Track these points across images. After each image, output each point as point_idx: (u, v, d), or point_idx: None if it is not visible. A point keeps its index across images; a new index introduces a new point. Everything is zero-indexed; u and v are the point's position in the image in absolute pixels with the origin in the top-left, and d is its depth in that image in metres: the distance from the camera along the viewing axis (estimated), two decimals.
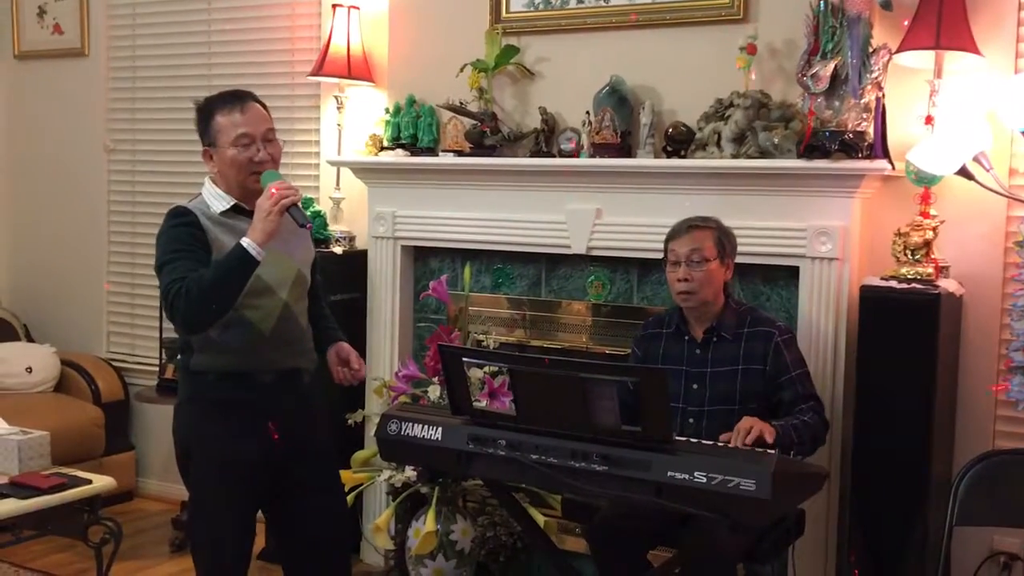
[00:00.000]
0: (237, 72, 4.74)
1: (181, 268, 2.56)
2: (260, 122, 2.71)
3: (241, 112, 2.70)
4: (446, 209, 3.99)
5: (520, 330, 3.99)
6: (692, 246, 3.00)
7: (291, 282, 2.77)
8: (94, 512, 3.56)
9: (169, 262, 2.59)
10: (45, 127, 5.39)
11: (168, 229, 2.66)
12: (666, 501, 2.36)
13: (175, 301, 2.54)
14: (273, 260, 2.63)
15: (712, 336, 3.04)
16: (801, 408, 2.91)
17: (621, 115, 3.63)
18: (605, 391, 2.39)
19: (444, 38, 4.07)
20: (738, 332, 3.02)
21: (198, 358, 2.71)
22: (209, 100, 2.77)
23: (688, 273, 2.99)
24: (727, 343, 3.02)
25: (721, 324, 3.04)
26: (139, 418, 5.10)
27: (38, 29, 5.36)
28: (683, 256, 3.00)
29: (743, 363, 2.98)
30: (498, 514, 3.75)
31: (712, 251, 3.01)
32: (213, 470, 2.70)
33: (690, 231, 3.04)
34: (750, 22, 3.49)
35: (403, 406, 3.23)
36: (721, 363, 3.01)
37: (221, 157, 2.70)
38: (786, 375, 2.96)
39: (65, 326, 5.31)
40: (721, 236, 3.05)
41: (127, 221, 5.18)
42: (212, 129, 2.72)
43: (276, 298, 2.72)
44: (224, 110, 2.70)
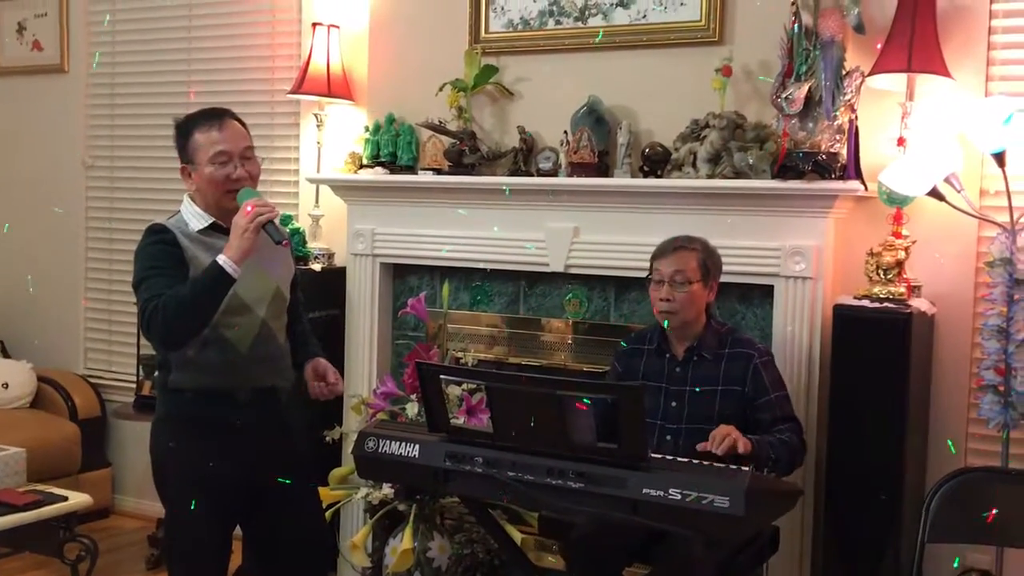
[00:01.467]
0: (217, 90, 4.76)
1: (158, 285, 2.57)
2: (238, 140, 2.72)
3: (219, 130, 2.70)
4: (425, 227, 4.01)
5: (498, 347, 4.01)
6: (676, 267, 3.02)
7: (269, 300, 2.77)
8: (70, 529, 3.55)
9: (146, 279, 2.60)
10: (24, 143, 5.39)
11: (146, 246, 2.67)
12: (641, 518, 2.38)
13: (152, 318, 2.55)
14: (251, 278, 2.64)
15: (693, 355, 3.06)
16: (780, 428, 2.93)
17: (598, 135, 3.67)
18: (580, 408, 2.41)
19: (424, 57, 4.09)
20: (719, 353, 3.05)
21: (176, 376, 2.71)
22: (188, 117, 2.77)
23: (671, 293, 3.01)
24: (707, 363, 3.04)
25: (702, 344, 3.06)
26: (116, 435, 5.08)
27: (17, 45, 5.36)
28: (667, 276, 3.02)
29: (722, 384, 3.01)
30: (475, 531, 3.75)
31: (696, 273, 3.03)
32: (190, 487, 2.69)
33: (676, 252, 3.06)
34: (725, 44, 3.54)
35: (381, 423, 3.24)
36: (701, 382, 3.03)
37: (199, 174, 2.70)
38: (764, 396, 2.98)
39: (42, 342, 5.28)
40: (706, 258, 3.06)
41: (105, 237, 5.17)
42: (190, 146, 2.72)
43: (254, 316, 2.73)
44: (202, 127, 2.71)
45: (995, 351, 3.06)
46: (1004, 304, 3.05)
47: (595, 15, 3.77)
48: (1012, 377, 3.04)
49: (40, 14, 5.26)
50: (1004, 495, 2.78)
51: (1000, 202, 3.12)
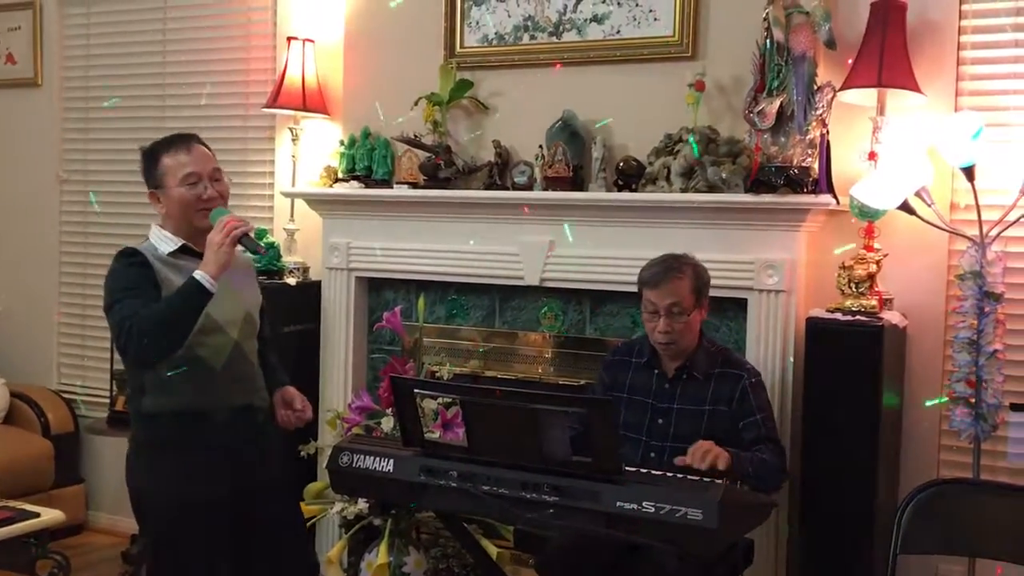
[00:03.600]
0: (191, 103, 4.76)
1: (132, 306, 2.58)
2: (206, 161, 2.77)
3: (187, 152, 2.75)
4: (400, 241, 4.01)
5: (474, 361, 4.01)
6: (672, 299, 2.96)
7: (240, 322, 2.80)
8: (42, 546, 3.52)
9: (119, 300, 2.61)
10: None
11: (117, 269, 2.69)
12: (615, 531, 2.39)
13: (128, 336, 2.55)
14: (223, 299, 2.67)
15: (683, 374, 3.04)
16: (760, 447, 2.93)
17: (573, 149, 3.68)
18: (556, 422, 2.41)
19: (399, 71, 4.10)
20: (709, 372, 3.02)
21: (150, 400, 2.71)
22: (154, 144, 2.81)
23: (668, 325, 2.96)
24: (697, 382, 3.03)
25: (694, 363, 3.03)
26: (89, 451, 5.04)
27: None
28: (662, 308, 2.97)
29: (710, 404, 2.99)
30: (451, 546, 3.75)
31: (691, 300, 2.97)
32: (172, 514, 2.69)
33: (668, 282, 2.97)
34: (698, 59, 3.56)
35: (355, 438, 3.23)
36: (689, 401, 3.01)
37: (169, 197, 2.74)
38: (750, 417, 2.97)
39: (14, 357, 5.24)
40: (697, 281, 3.01)
41: (79, 252, 5.14)
42: (159, 171, 2.75)
43: (226, 336, 2.76)
44: (170, 152, 2.75)
45: (966, 363, 3.09)
46: (975, 317, 3.08)
47: (569, 30, 3.79)
48: (983, 389, 3.07)
49: (13, 27, 5.23)
50: (976, 506, 2.80)
51: (970, 216, 3.16)
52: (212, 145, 2.97)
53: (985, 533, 2.77)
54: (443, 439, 3.28)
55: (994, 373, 3.07)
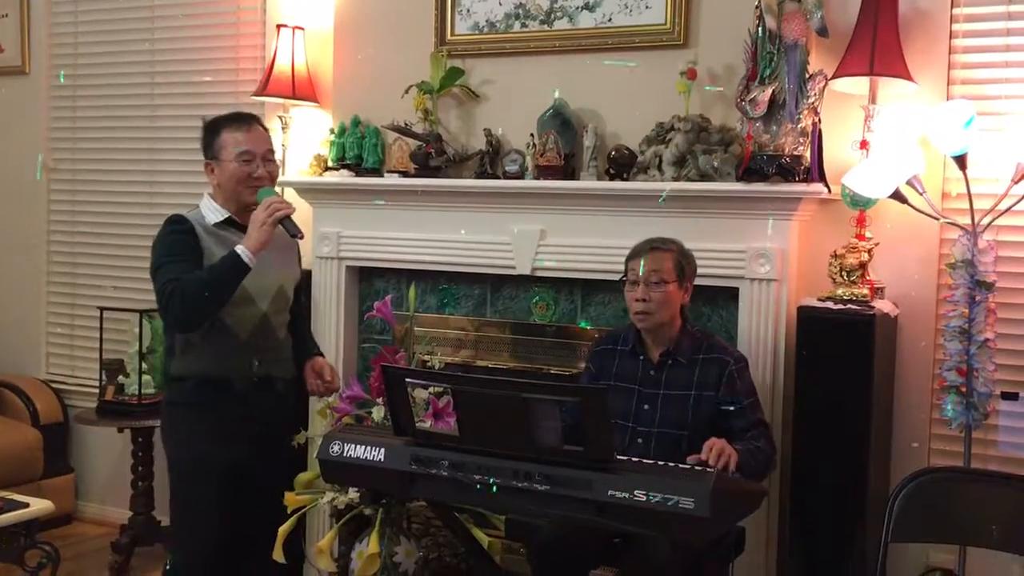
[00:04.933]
0: (180, 91, 4.73)
1: (175, 270, 2.78)
2: (261, 142, 2.98)
3: (246, 131, 2.95)
4: (391, 230, 4.00)
5: (466, 350, 4.00)
6: (651, 267, 3.02)
7: (272, 295, 2.99)
8: (31, 536, 3.51)
9: (164, 264, 2.81)
10: None
11: (164, 235, 2.89)
12: (607, 520, 2.38)
13: (170, 300, 2.76)
14: (258, 272, 2.82)
15: (668, 359, 3.06)
16: (752, 435, 2.94)
17: (565, 138, 3.67)
18: (547, 411, 2.41)
19: (389, 59, 4.08)
20: (694, 358, 3.04)
21: (178, 363, 2.93)
22: (216, 118, 3.01)
23: (646, 293, 3.01)
24: (682, 367, 3.04)
25: (678, 348, 3.05)
26: (78, 440, 5.03)
27: None
28: (642, 276, 3.02)
29: (696, 389, 3.00)
30: (442, 535, 3.74)
31: (671, 273, 3.02)
32: (192, 472, 2.92)
33: (651, 252, 3.05)
34: (690, 47, 3.55)
35: (346, 427, 3.23)
36: (674, 387, 3.02)
37: (222, 170, 2.93)
38: (738, 404, 2.98)
39: (3, 347, 5.21)
40: (681, 259, 3.06)
41: (67, 240, 5.11)
42: (216, 144, 2.95)
43: (256, 307, 2.94)
44: (230, 128, 2.95)
45: (957, 352, 3.09)
46: (966, 306, 3.08)
47: (561, 18, 3.78)
48: (974, 378, 3.07)
49: (1, 15, 5.18)
50: (966, 495, 2.80)
51: (962, 204, 3.15)
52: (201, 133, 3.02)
53: (976, 522, 2.77)
54: (434, 428, 3.27)
55: (985, 362, 3.07)
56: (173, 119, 4.76)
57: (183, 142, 4.64)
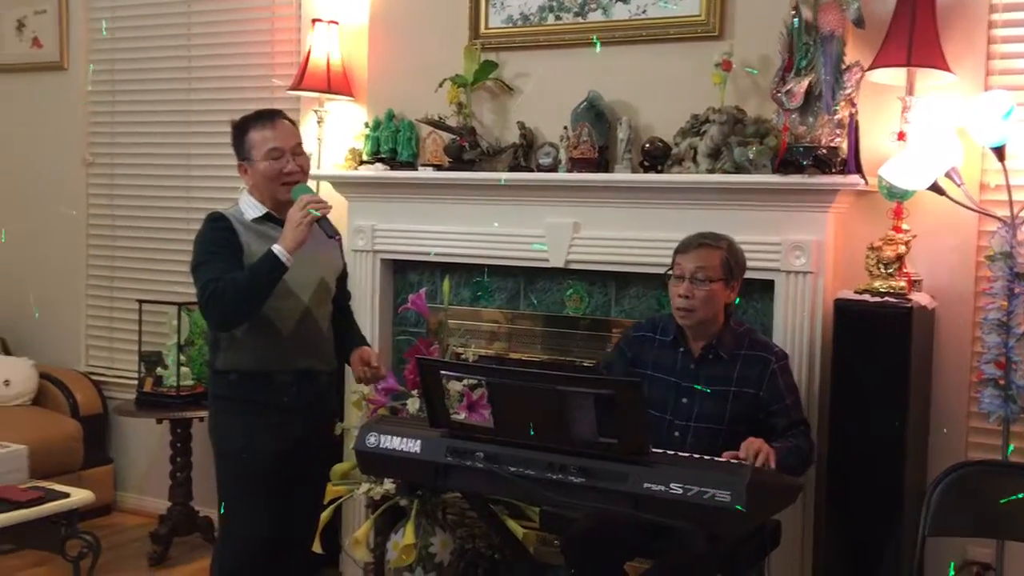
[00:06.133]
0: (217, 86, 4.77)
1: (215, 269, 2.82)
2: (289, 137, 2.98)
3: (272, 127, 2.95)
4: (425, 223, 4.01)
5: (499, 343, 4.01)
6: (698, 263, 2.97)
7: (314, 288, 3.01)
8: (72, 526, 3.54)
9: (204, 263, 2.86)
10: (24, 140, 5.38)
11: (205, 233, 2.92)
12: (642, 513, 2.39)
13: (210, 300, 2.80)
14: (299, 265, 2.84)
15: (708, 353, 3.02)
16: (792, 433, 2.92)
17: (598, 130, 3.67)
18: (582, 403, 2.41)
19: (423, 53, 4.09)
20: (735, 353, 3.00)
21: (223, 357, 2.96)
22: (243, 118, 3.01)
23: (690, 290, 2.96)
24: (723, 362, 3.00)
25: (720, 343, 3.01)
26: (117, 431, 5.09)
27: (17, 42, 5.36)
28: (688, 272, 2.97)
29: (736, 385, 2.97)
30: (477, 527, 3.76)
31: (717, 271, 2.97)
32: (238, 464, 2.95)
33: (699, 248, 3.00)
34: (725, 39, 3.53)
35: (382, 419, 3.25)
36: (714, 382, 2.99)
37: (255, 170, 2.95)
38: (780, 402, 2.96)
39: (43, 339, 5.28)
40: (730, 258, 3.01)
41: (106, 235, 5.17)
42: (246, 144, 2.96)
43: (298, 301, 2.96)
44: (257, 126, 2.96)
45: (995, 345, 3.06)
46: (1004, 298, 3.05)
47: (595, 10, 3.77)
48: (1012, 371, 3.04)
49: (40, 11, 5.25)
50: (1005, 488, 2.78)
51: (1000, 196, 3.13)
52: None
53: (1014, 516, 2.75)
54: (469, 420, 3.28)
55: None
56: (209, 113, 4.79)
57: (219, 136, 4.63)
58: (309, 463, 3.09)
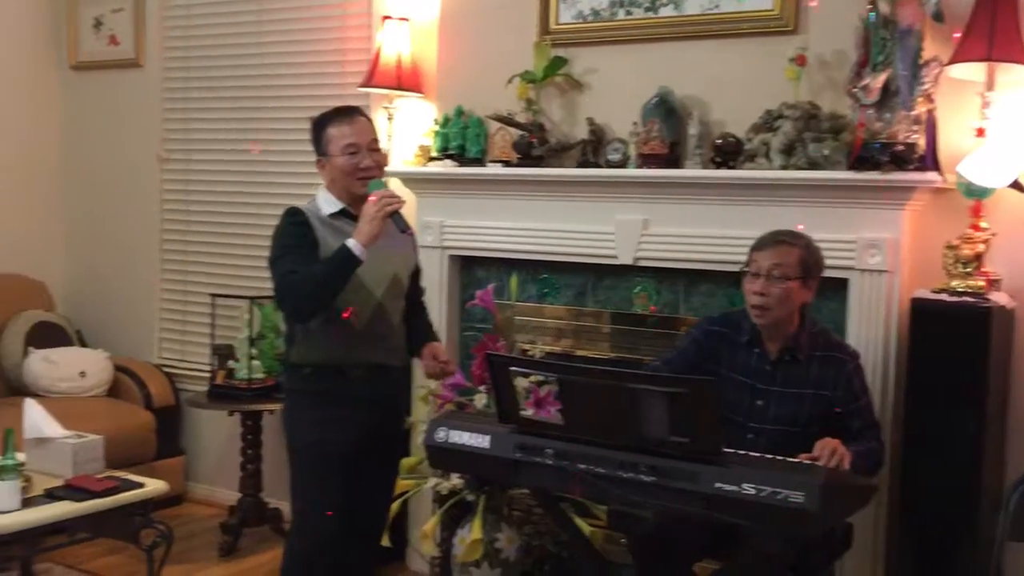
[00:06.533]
0: (288, 83, 4.81)
1: (291, 263, 2.88)
2: (365, 133, 3.02)
3: (350, 124, 3.00)
4: (493, 219, 4.02)
5: (565, 340, 4.00)
6: (775, 260, 2.91)
7: (387, 283, 3.05)
8: (146, 516, 3.58)
9: (282, 256, 2.91)
10: (101, 137, 5.49)
11: (282, 227, 2.98)
12: (713, 512, 2.36)
13: (286, 291, 2.88)
14: (372, 261, 2.88)
15: (785, 355, 2.97)
16: (866, 435, 2.88)
17: (669, 126, 3.64)
18: (654, 401, 2.40)
19: (493, 49, 4.10)
20: (811, 355, 2.95)
21: (297, 351, 3.01)
22: (322, 115, 3.06)
23: (766, 288, 2.90)
24: (799, 365, 2.95)
25: (797, 345, 2.96)
26: (189, 423, 5.17)
27: (94, 40, 5.47)
28: (764, 269, 2.91)
29: (813, 387, 2.92)
30: (544, 523, 3.75)
31: (795, 269, 2.91)
32: (309, 457, 3.01)
33: (776, 245, 2.94)
34: (799, 33, 3.49)
35: (450, 413, 3.26)
36: (790, 384, 2.94)
37: (332, 165, 3.00)
38: (855, 403, 2.91)
39: (118, 332, 5.39)
40: (807, 257, 2.94)
41: (180, 230, 5.25)
42: (324, 140, 3.02)
43: (371, 296, 2.99)
44: (335, 123, 3.01)
45: None
46: None
47: (666, 5, 3.75)
48: None
49: (117, 9, 5.35)
50: None
51: None
52: (308, 124, 3.10)
53: None
54: (537, 416, 3.28)
55: None
56: (280, 110, 4.84)
57: (290, 133, 4.72)
58: (380, 457, 3.13)
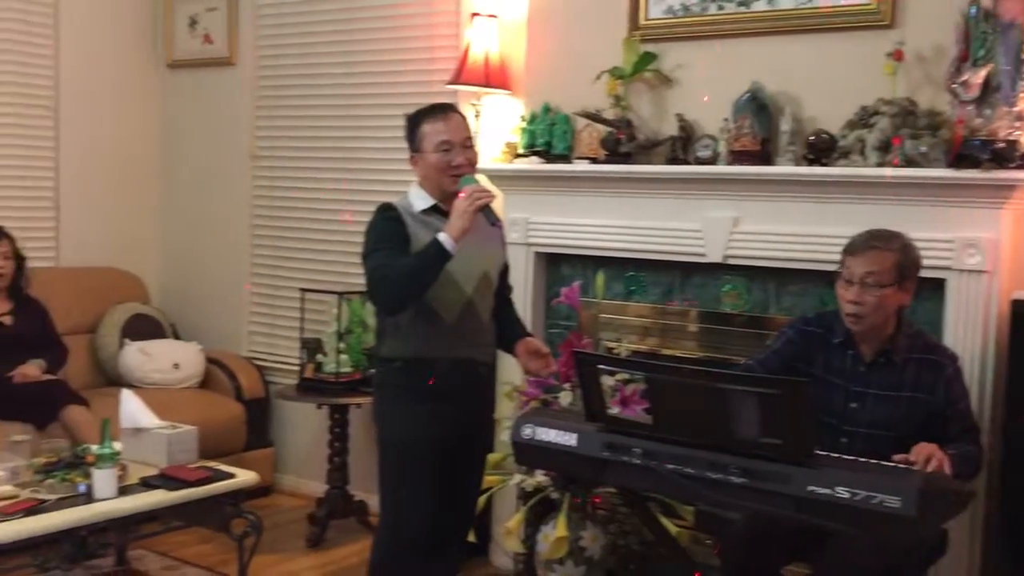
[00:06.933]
0: (377, 81, 4.86)
1: (383, 256, 2.91)
2: (459, 130, 3.03)
3: (444, 121, 3.01)
4: (579, 216, 4.01)
5: (651, 338, 3.96)
6: (869, 268, 2.83)
7: (477, 280, 3.05)
8: (236, 505, 3.64)
9: (374, 251, 2.95)
10: (195, 134, 5.60)
11: (376, 223, 3.02)
12: (806, 516, 2.32)
13: (377, 285, 2.91)
14: (462, 258, 2.90)
15: (880, 358, 2.90)
16: (964, 439, 2.80)
17: (761, 122, 3.58)
18: (746, 402, 2.36)
19: (581, 46, 4.08)
20: (908, 357, 2.88)
21: (388, 345, 3.05)
22: (417, 112, 3.08)
23: (860, 296, 2.83)
24: (895, 367, 2.88)
25: (894, 348, 2.89)
26: (278, 415, 5.24)
27: (189, 39, 5.59)
28: (857, 276, 2.84)
29: (909, 390, 2.85)
30: (629, 522, 3.73)
31: (889, 276, 2.82)
32: (398, 451, 3.04)
33: (870, 251, 2.85)
34: (897, 27, 3.41)
35: (536, 410, 3.25)
36: (886, 387, 2.87)
37: (425, 161, 3.02)
38: (953, 407, 2.84)
39: (210, 325, 5.50)
40: (903, 259, 2.85)
41: (269, 225, 5.33)
42: (418, 136, 3.04)
43: (461, 292, 3.01)
44: (429, 120, 3.02)
45: None
46: None
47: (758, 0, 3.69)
48: None
49: (211, 8, 5.46)
50: None
51: None
52: (397, 122, 3.13)
53: None
54: (624, 415, 3.26)
55: None
56: (369, 108, 4.89)
57: (379, 130, 4.77)
58: (469, 452, 3.14)
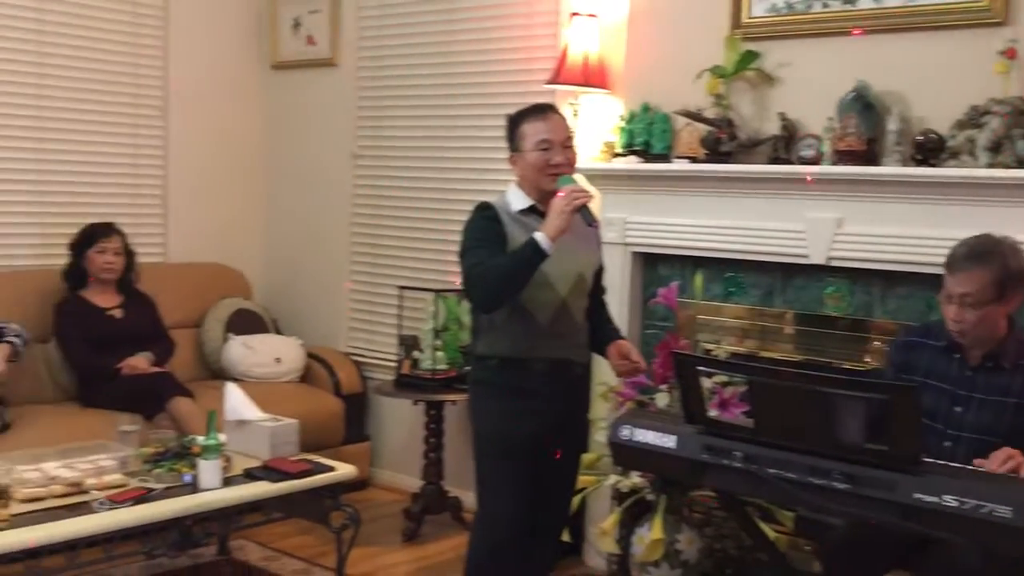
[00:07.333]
0: (476, 81, 4.88)
1: (480, 255, 2.94)
2: (560, 130, 3.03)
3: (544, 120, 3.02)
4: (677, 216, 3.98)
5: (750, 341, 3.91)
6: (965, 289, 2.74)
7: (572, 282, 3.05)
8: (335, 498, 3.70)
9: (471, 249, 2.98)
10: (298, 134, 5.71)
11: (473, 220, 3.05)
12: (911, 524, 2.27)
13: (474, 283, 2.94)
14: (557, 258, 2.90)
15: (987, 362, 2.82)
16: None
17: (866, 121, 3.51)
18: (851, 407, 2.32)
19: (681, 45, 4.05)
20: (1018, 363, 2.79)
21: (484, 343, 3.08)
22: (519, 111, 3.10)
23: (960, 314, 2.76)
24: (1003, 372, 2.80)
25: (1002, 353, 2.80)
26: (375, 410, 5.31)
27: (293, 40, 5.69)
28: (955, 296, 2.76)
29: (1017, 396, 2.76)
30: (726, 526, 3.69)
31: (987, 294, 2.72)
32: (493, 447, 3.06)
33: (966, 270, 2.74)
34: (1009, 25, 3.31)
35: (633, 411, 3.24)
36: (992, 391, 2.79)
37: (524, 160, 3.04)
38: None
39: (310, 321, 5.59)
40: (1002, 274, 2.73)
41: (369, 223, 5.40)
42: (518, 135, 3.06)
43: (555, 293, 3.01)
44: (530, 119, 3.04)
45: None
46: None
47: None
48: None
49: (314, 10, 5.56)
50: None
51: None
52: (495, 122, 3.11)
53: None
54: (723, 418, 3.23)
55: None
56: (468, 107, 4.92)
57: (478, 130, 4.80)
58: (563, 452, 3.14)
